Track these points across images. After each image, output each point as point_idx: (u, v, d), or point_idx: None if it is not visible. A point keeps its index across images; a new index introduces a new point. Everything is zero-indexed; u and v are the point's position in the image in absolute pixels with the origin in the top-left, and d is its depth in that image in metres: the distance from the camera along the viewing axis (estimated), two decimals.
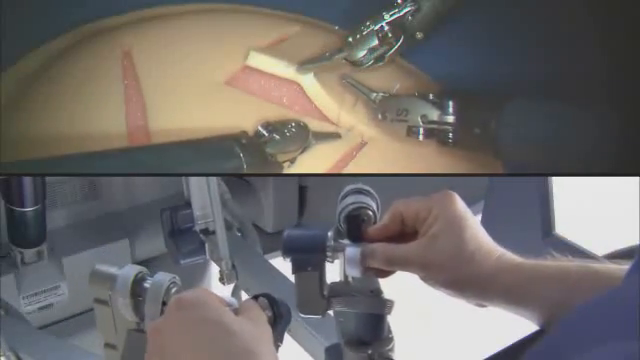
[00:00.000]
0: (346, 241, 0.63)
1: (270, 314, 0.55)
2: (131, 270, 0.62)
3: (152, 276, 0.62)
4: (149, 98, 0.77)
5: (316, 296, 0.62)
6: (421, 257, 0.58)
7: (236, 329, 0.49)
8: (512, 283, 0.58)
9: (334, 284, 0.64)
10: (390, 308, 0.64)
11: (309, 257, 0.61)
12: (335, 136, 0.79)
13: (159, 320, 0.52)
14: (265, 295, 0.56)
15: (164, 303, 0.60)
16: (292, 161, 0.77)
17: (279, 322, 0.55)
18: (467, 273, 0.58)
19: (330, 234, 0.62)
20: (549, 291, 0.57)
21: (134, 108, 0.77)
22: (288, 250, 0.62)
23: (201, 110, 0.78)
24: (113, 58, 0.81)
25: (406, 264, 0.59)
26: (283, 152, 0.76)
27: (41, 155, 0.73)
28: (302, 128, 0.77)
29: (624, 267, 0.52)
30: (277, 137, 0.75)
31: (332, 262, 0.63)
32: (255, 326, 0.51)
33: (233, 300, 0.54)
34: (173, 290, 0.60)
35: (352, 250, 0.60)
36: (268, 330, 0.53)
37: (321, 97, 0.81)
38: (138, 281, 0.61)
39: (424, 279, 0.59)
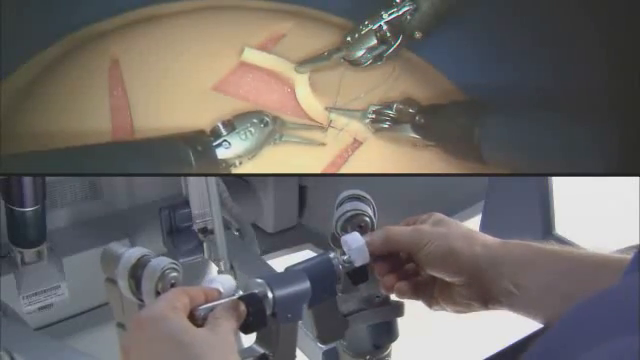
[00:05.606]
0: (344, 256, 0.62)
1: (245, 313, 0.53)
2: (136, 252, 0.62)
3: None
4: (135, 104, 0.77)
5: (337, 319, 0.62)
6: (422, 232, 0.61)
7: (187, 340, 0.49)
8: (518, 255, 0.59)
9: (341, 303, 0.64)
10: (403, 310, 0.65)
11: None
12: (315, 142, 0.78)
13: (125, 339, 0.53)
14: (246, 296, 0.54)
15: (158, 293, 0.59)
16: (241, 162, 0.76)
17: (254, 322, 0.53)
18: (468, 249, 0.59)
19: (332, 254, 0.60)
20: (556, 267, 0.58)
21: (120, 115, 0.77)
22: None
23: (188, 115, 0.77)
24: (101, 66, 0.81)
25: (406, 242, 0.61)
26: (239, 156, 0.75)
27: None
28: (264, 123, 0.75)
29: (626, 256, 0.53)
30: (239, 136, 0.74)
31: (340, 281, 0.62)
32: (212, 335, 0.51)
33: (217, 285, 0.54)
34: (171, 275, 0.60)
35: (354, 238, 0.60)
36: (228, 338, 0.52)
37: (311, 101, 0.80)
38: (140, 264, 0.61)
39: (423, 259, 0.60)
